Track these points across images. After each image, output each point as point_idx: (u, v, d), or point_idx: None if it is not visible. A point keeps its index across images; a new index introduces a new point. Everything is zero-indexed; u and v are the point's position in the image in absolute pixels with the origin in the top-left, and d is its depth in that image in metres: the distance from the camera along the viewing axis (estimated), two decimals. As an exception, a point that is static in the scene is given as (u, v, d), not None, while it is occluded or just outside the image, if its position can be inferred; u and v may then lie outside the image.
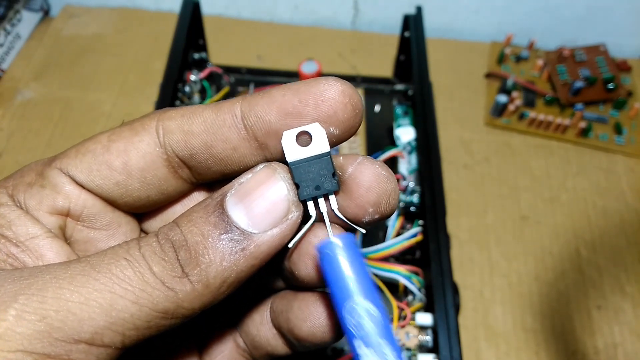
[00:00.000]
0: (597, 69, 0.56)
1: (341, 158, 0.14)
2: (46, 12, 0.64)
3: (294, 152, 0.13)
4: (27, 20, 0.60)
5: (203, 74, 0.44)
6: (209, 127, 0.13)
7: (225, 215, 0.12)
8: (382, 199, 0.13)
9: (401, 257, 0.39)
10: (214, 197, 0.13)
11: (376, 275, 0.36)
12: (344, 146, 0.43)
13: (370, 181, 0.13)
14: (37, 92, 0.55)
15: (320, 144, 0.13)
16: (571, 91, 0.54)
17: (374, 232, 0.41)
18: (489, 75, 0.58)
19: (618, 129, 0.53)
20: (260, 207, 0.12)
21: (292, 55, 0.58)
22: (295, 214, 0.13)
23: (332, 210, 0.13)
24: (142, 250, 0.12)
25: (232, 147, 0.13)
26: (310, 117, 0.13)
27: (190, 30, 0.45)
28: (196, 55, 0.47)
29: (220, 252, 0.12)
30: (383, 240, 0.39)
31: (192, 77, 0.43)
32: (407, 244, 0.37)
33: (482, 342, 0.41)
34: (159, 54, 0.58)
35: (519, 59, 0.59)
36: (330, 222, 0.13)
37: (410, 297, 0.36)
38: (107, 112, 0.53)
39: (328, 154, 0.13)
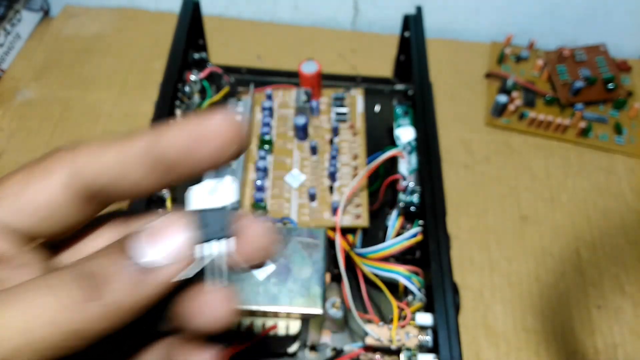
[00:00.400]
0: (597, 69, 0.56)
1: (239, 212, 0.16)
2: (46, 12, 0.64)
3: (200, 200, 0.15)
4: (27, 20, 0.60)
5: (203, 74, 0.44)
6: (116, 163, 0.15)
7: (132, 250, 0.14)
8: (263, 250, 0.16)
9: (401, 257, 0.39)
10: (125, 235, 0.15)
11: (376, 275, 0.36)
12: (344, 146, 0.43)
13: (255, 235, 0.15)
14: (37, 92, 0.55)
15: (227, 195, 0.15)
16: (571, 91, 0.54)
17: (375, 232, 0.41)
18: (489, 75, 0.58)
19: (618, 129, 0.53)
20: (164, 245, 0.14)
21: (292, 55, 0.58)
22: (196, 252, 0.15)
23: (228, 253, 0.15)
24: (58, 278, 0.14)
25: (141, 176, 0.15)
26: (203, 153, 0.14)
27: (190, 30, 0.45)
28: (196, 55, 0.47)
29: (122, 282, 0.14)
30: (383, 240, 0.39)
31: (192, 77, 0.43)
32: (407, 244, 0.37)
33: (482, 342, 0.41)
34: (159, 54, 0.58)
35: (519, 59, 0.59)
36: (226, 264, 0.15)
37: (410, 297, 0.36)
38: (108, 112, 0.54)
39: (233, 205, 0.15)
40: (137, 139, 0.15)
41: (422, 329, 0.33)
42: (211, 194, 0.15)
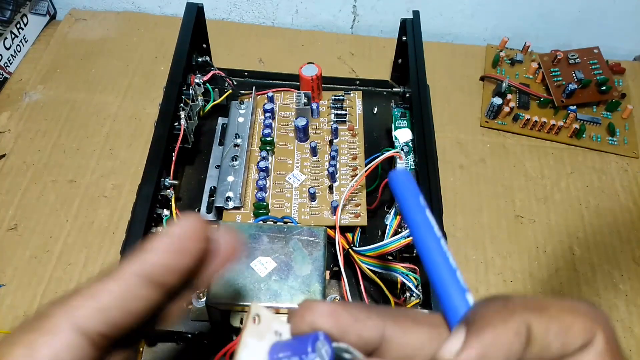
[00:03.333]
0: (590, 71, 0.57)
1: None
2: (52, 16, 0.65)
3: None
4: (34, 23, 0.62)
5: (206, 77, 0.45)
6: (119, 297, 0.15)
7: None
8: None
9: (399, 255, 0.40)
10: None
11: (374, 273, 0.37)
12: (344, 147, 0.44)
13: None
14: (43, 95, 0.56)
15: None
16: (565, 93, 0.55)
17: (373, 231, 0.42)
18: (484, 78, 0.59)
19: (611, 130, 0.54)
20: None
21: (292, 59, 0.59)
22: None
23: None
24: None
25: (146, 300, 0.15)
26: (192, 249, 0.16)
27: (194, 34, 0.46)
28: (200, 59, 0.48)
29: None
30: (381, 238, 0.40)
31: (196, 80, 0.44)
32: (404, 242, 0.38)
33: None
34: (163, 57, 0.60)
35: (513, 62, 0.60)
36: None
37: (407, 294, 0.37)
38: (113, 114, 0.55)
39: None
40: (125, 267, 0.15)
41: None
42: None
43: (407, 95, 0.46)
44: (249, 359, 0.14)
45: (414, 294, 0.36)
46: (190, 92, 0.43)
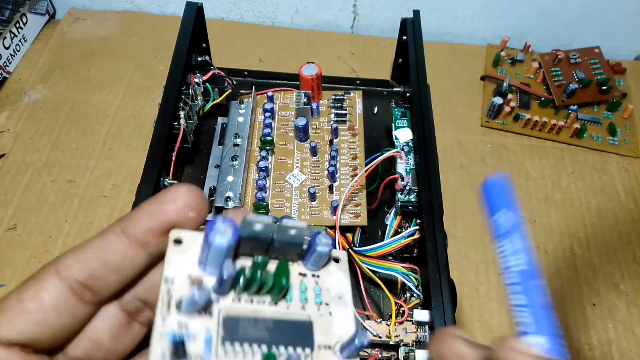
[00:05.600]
0: (591, 71, 0.57)
1: None
2: (52, 16, 0.65)
3: None
4: (33, 23, 0.61)
5: (206, 77, 0.45)
6: (99, 249, 0.16)
7: None
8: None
9: (399, 255, 0.40)
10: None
11: (375, 273, 0.37)
12: (344, 147, 0.44)
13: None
14: (43, 94, 0.56)
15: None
16: (566, 93, 0.55)
17: (373, 231, 0.42)
18: (484, 78, 0.59)
19: (612, 130, 0.54)
20: None
21: (292, 58, 0.59)
22: None
23: None
24: None
25: (122, 255, 0.16)
26: (171, 213, 0.16)
27: (194, 34, 0.46)
28: (199, 58, 0.48)
29: None
30: (381, 238, 0.40)
31: (196, 80, 0.44)
32: (404, 242, 0.38)
33: (478, 338, 0.41)
34: (163, 57, 0.59)
35: (514, 61, 0.60)
36: None
37: (408, 294, 0.37)
38: (112, 114, 0.54)
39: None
40: (107, 230, 0.16)
41: (420, 325, 0.34)
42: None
43: (408, 94, 0.46)
44: (176, 270, 0.15)
45: (414, 294, 0.36)
46: (190, 91, 0.43)
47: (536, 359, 0.15)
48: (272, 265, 0.16)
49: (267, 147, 0.43)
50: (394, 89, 0.51)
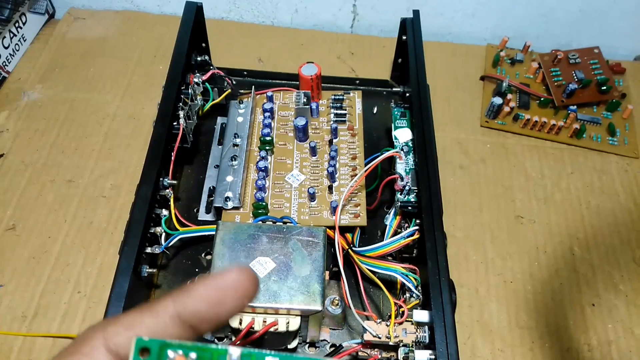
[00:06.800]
0: (591, 71, 0.57)
1: None
2: (51, 15, 0.65)
3: None
4: (32, 22, 0.61)
5: (205, 77, 0.45)
6: (152, 332, 0.16)
7: None
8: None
9: (399, 256, 0.40)
10: None
11: (374, 273, 0.37)
12: (343, 147, 0.44)
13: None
14: (42, 94, 0.56)
15: None
16: (565, 93, 0.55)
17: (373, 231, 0.42)
18: (484, 78, 0.59)
19: (611, 130, 0.54)
20: None
21: (292, 58, 0.59)
22: None
23: None
24: None
25: (174, 337, 0.16)
26: (230, 304, 0.16)
27: (193, 34, 0.46)
28: (199, 58, 0.48)
29: None
30: (381, 239, 0.40)
31: (195, 80, 0.44)
32: (404, 242, 0.38)
33: (477, 339, 0.42)
34: (162, 57, 0.59)
35: (514, 61, 0.60)
36: None
37: (407, 295, 0.37)
38: (112, 114, 0.54)
39: None
40: (161, 309, 0.16)
41: (419, 325, 0.34)
42: None
43: (407, 94, 0.46)
44: None
45: (414, 295, 0.36)
46: (189, 91, 0.43)
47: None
48: None
49: (267, 147, 0.43)
50: (394, 89, 0.51)
